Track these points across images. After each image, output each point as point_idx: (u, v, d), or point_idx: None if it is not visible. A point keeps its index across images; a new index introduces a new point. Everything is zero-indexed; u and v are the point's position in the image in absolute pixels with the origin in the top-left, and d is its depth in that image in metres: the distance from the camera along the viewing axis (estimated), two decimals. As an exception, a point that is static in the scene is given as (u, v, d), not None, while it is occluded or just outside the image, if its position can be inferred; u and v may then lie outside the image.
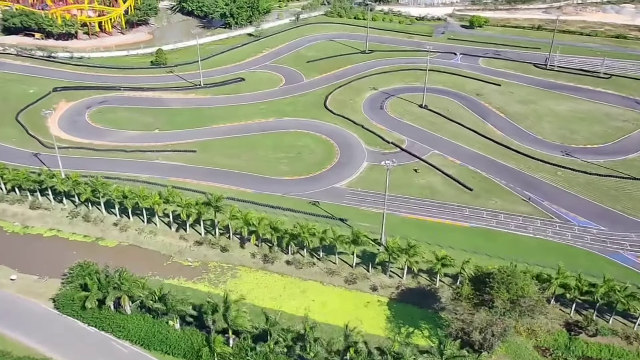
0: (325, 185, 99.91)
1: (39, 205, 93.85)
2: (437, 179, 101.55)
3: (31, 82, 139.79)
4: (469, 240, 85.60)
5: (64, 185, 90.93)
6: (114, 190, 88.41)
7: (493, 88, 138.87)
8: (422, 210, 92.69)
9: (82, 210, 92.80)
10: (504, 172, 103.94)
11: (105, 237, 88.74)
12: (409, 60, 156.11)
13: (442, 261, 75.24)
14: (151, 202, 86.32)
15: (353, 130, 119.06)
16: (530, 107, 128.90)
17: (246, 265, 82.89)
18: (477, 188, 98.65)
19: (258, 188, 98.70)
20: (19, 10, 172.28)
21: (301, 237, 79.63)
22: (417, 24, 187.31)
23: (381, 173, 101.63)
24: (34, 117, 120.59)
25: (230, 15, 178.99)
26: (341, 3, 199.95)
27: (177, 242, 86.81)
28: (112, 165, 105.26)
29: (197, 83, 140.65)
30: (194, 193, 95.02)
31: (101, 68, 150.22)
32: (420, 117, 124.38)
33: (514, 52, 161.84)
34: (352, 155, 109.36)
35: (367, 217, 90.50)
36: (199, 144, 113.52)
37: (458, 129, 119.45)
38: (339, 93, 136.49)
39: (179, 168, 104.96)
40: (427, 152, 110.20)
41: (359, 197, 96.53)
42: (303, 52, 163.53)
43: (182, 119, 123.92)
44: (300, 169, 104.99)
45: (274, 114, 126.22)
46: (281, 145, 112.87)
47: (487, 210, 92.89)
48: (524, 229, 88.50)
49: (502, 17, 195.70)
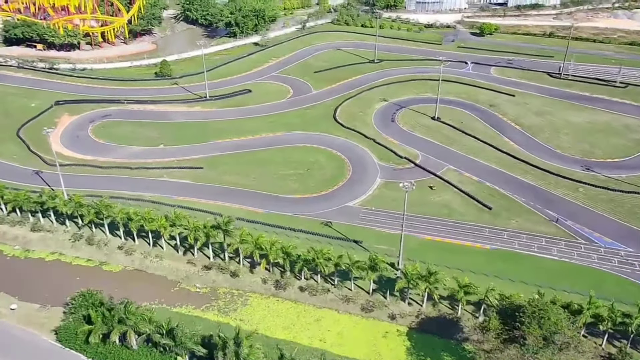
0: (338, 204, 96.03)
1: (41, 228, 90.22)
2: (454, 197, 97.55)
3: (33, 95, 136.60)
4: (490, 264, 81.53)
5: (67, 207, 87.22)
6: (118, 213, 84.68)
7: (507, 98, 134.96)
8: (440, 231, 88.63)
9: (86, 232, 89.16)
10: (523, 188, 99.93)
11: (110, 261, 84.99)
12: (419, 69, 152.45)
13: (464, 289, 71.19)
14: (157, 225, 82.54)
15: (364, 144, 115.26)
16: (547, 119, 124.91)
17: (257, 292, 78.97)
18: (496, 206, 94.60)
19: (268, 207, 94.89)
20: (21, 21, 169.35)
21: (315, 262, 75.68)
22: (426, 32, 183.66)
23: (396, 190, 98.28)
24: (35, 133, 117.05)
25: (236, 24, 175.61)
26: (348, 11, 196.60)
27: (185, 266, 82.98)
28: (116, 183, 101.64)
29: (202, 95, 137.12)
30: (201, 213, 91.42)
31: (104, 80, 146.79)
32: (433, 130, 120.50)
33: (526, 61, 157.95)
34: (365, 172, 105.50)
35: (383, 239, 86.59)
36: (206, 160, 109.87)
37: (473, 142, 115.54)
38: (348, 105, 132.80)
39: (185, 186, 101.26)
40: (442, 168, 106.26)
41: (374, 216, 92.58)
42: (310, 61, 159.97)
43: (188, 133, 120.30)
44: (310, 186, 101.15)
45: (282, 127, 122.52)
46: (290, 160, 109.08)
47: (507, 230, 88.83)
48: (547, 251, 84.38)
49: (512, 24, 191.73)
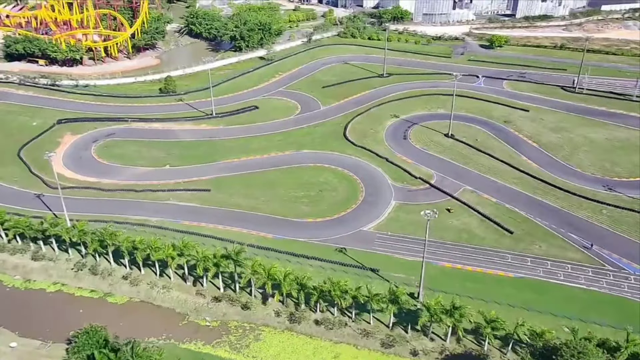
0: (352, 228, 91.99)
1: (42, 256, 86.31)
2: (473, 220, 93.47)
3: (34, 113, 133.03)
4: (515, 294, 77.43)
5: (69, 234, 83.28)
6: (123, 241, 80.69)
7: (521, 114, 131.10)
8: (460, 258, 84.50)
9: (89, 261, 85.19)
10: (543, 210, 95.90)
11: (114, 292, 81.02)
12: (429, 84, 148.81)
13: (492, 324, 67.01)
14: (164, 254, 78.53)
15: (377, 163, 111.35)
16: (564, 135, 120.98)
17: (270, 325, 74.92)
18: (517, 230, 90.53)
19: (279, 233, 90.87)
20: (22, 36, 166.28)
21: (332, 295, 71.58)
22: (434, 44, 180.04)
23: (411, 213, 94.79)
24: (37, 153, 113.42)
25: (241, 38, 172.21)
26: (354, 24, 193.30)
27: (193, 298, 78.96)
28: (120, 207, 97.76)
29: (208, 112, 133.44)
30: (210, 239, 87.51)
31: (107, 97, 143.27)
32: (448, 148, 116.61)
33: (538, 74, 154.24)
34: (378, 193, 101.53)
35: (401, 267, 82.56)
36: (213, 181, 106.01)
37: (489, 161, 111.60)
38: (358, 121, 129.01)
39: (192, 210, 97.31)
40: (458, 189, 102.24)
41: (390, 242, 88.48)
42: (318, 76, 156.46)
43: (194, 153, 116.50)
44: (322, 209, 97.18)
45: (291, 146, 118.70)
46: (301, 182, 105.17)
47: (531, 257, 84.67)
48: (574, 279, 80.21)
49: (522, 36, 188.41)
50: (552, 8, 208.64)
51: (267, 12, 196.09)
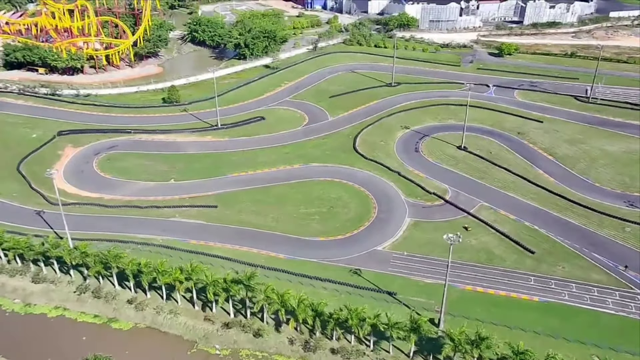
0: (366, 247, 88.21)
1: (43, 278, 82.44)
2: (491, 239, 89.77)
3: (34, 124, 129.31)
4: (540, 319, 73.65)
5: (71, 256, 79.44)
6: (128, 264, 76.86)
7: (535, 125, 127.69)
8: (481, 280, 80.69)
9: (92, 283, 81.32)
10: (564, 228, 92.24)
11: (119, 317, 77.14)
12: (439, 93, 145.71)
13: (520, 356, 63.21)
14: (171, 278, 74.74)
15: (389, 177, 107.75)
16: (581, 148, 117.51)
17: (284, 354, 71.10)
18: (538, 250, 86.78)
19: (290, 252, 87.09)
20: (22, 44, 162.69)
21: (350, 323, 67.79)
22: (442, 52, 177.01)
23: (428, 232, 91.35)
24: (37, 167, 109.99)
25: (245, 46, 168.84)
26: (360, 31, 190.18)
27: (202, 324, 75.05)
28: (124, 224, 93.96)
29: (213, 123, 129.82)
30: (218, 260, 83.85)
31: (109, 107, 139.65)
32: (461, 161, 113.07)
33: (550, 83, 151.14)
34: (392, 209, 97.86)
35: (420, 290, 78.79)
36: (220, 197, 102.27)
37: (505, 175, 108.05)
38: (368, 133, 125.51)
39: (199, 228, 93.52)
40: (474, 205, 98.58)
41: (407, 262, 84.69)
42: (324, 85, 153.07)
43: (200, 167, 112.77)
44: (334, 227, 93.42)
45: (300, 159, 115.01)
46: (311, 198, 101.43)
47: (554, 279, 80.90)
48: (602, 303, 76.45)
49: (530, 43, 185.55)
50: (560, 15, 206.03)
51: (271, 19, 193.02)
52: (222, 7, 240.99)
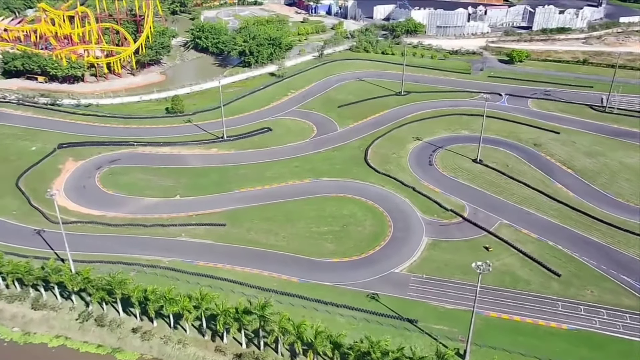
0: (383, 269, 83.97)
1: (44, 304, 78.27)
2: (514, 260, 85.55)
3: (33, 136, 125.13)
4: (571, 349, 69.52)
5: (73, 282, 75.16)
6: (134, 291, 72.61)
7: (551, 136, 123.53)
8: (506, 306, 76.38)
9: (95, 310, 77.08)
10: (589, 248, 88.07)
11: (124, 347, 73.05)
12: (450, 103, 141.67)
13: (556, 394, 59.14)
14: (179, 307, 70.49)
15: (403, 193, 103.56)
16: (600, 161, 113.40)
17: (300, 389, 66.99)
18: (564, 272, 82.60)
19: (304, 275, 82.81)
20: (21, 52, 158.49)
21: (371, 357, 63.54)
22: (451, 59, 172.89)
23: (447, 252, 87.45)
24: (37, 183, 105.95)
25: (250, 53, 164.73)
26: (366, 37, 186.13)
27: (213, 355, 70.89)
28: (128, 244, 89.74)
29: (219, 135, 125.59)
30: (228, 284, 79.66)
31: (111, 118, 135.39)
32: (477, 175, 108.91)
33: (563, 92, 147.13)
34: (408, 228, 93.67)
35: (442, 317, 74.58)
36: (228, 214, 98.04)
37: (523, 190, 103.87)
38: (379, 145, 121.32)
39: (207, 248, 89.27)
40: (494, 222, 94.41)
41: (426, 286, 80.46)
42: (332, 94, 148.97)
43: (206, 181, 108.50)
44: (349, 247, 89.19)
45: (310, 173, 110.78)
46: (323, 215, 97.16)
47: (583, 304, 76.69)
48: (635, 331, 72.27)
49: (541, 50, 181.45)
50: (569, 20, 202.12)
51: (275, 25, 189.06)
52: (224, 13, 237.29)
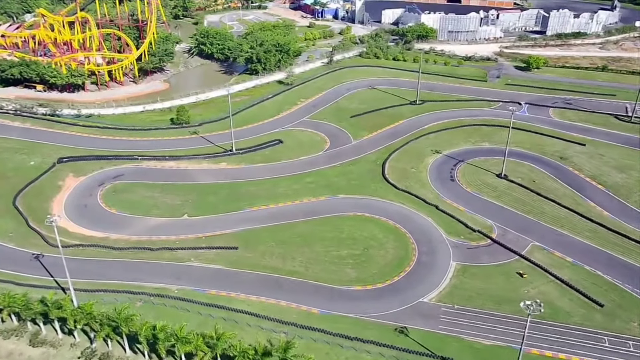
0: (409, 299, 77.57)
1: (43, 340, 71.66)
2: (551, 289, 79.08)
3: (32, 150, 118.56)
4: (623, 392, 63.35)
5: (75, 317, 68.65)
6: (142, 328, 66.15)
7: (578, 149, 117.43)
8: (548, 342, 69.89)
9: (99, 347, 70.60)
10: (630, 273, 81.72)
11: (131, 390, 66.56)
12: (468, 112, 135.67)
13: None
14: (192, 347, 64.10)
15: (425, 211, 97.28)
16: (631, 176, 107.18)
17: None
18: (606, 301, 76.34)
19: (325, 306, 76.41)
20: (19, 59, 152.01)
21: (408, 407, 57.33)
22: (466, 65, 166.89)
23: (478, 279, 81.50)
24: (35, 201, 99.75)
25: (257, 60, 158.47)
26: (376, 42, 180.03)
27: (229, 400, 64.46)
28: (134, 270, 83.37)
29: (227, 148, 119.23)
30: (243, 316, 73.40)
31: (113, 130, 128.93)
32: (503, 192, 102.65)
33: (585, 101, 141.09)
34: (434, 251, 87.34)
35: (478, 355, 68.20)
36: (240, 235, 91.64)
37: (553, 208, 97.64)
38: (396, 159, 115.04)
39: (218, 274, 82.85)
40: (525, 245, 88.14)
41: (458, 318, 74.09)
42: (344, 103, 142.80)
43: (215, 199, 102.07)
44: (371, 273, 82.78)
45: (325, 190, 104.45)
46: (342, 237, 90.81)
47: (633, 339, 70.34)
48: (692, 371, 66.23)
49: (557, 55, 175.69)
50: (584, 24, 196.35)
51: (282, 31, 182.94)
52: (228, 17, 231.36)
